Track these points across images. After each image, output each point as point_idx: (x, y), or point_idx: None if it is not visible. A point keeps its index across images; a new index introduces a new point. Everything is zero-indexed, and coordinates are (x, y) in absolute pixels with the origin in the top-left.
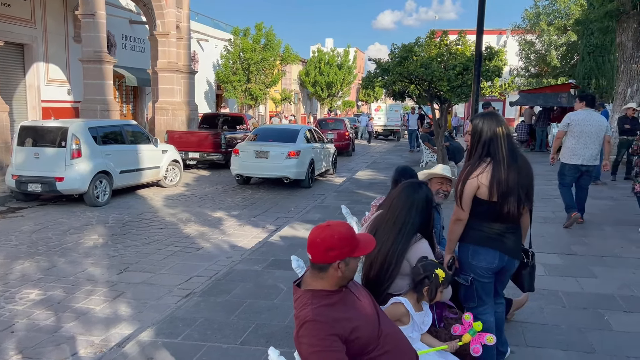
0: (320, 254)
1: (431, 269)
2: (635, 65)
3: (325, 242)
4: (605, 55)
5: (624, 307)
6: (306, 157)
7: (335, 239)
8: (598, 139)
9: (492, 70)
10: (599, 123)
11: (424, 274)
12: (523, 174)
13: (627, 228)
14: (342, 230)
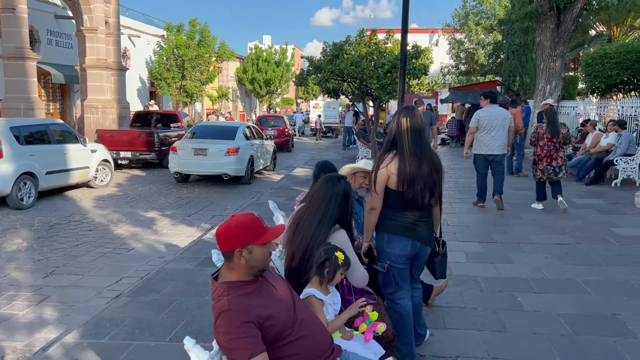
0: (221, 243)
1: (331, 252)
2: (554, 63)
3: (224, 231)
4: (527, 54)
5: (535, 289)
6: (245, 153)
7: (232, 227)
8: (504, 131)
9: (418, 68)
10: (503, 117)
11: (324, 256)
12: (428, 166)
13: (542, 216)
14: (241, 219)
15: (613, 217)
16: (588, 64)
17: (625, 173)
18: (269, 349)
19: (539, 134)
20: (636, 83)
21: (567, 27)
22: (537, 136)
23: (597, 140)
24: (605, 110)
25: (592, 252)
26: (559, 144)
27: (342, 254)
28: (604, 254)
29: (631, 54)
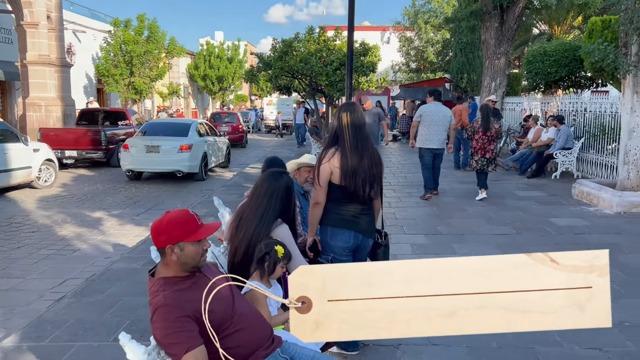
0: (154, 239)
1: (271, 245)
2: (498, 61)
3: (157, 227)
4: (474, 51)
5: None
6: (199, 150)
7: (164, 224)
8: (444, 127)
9: (366, 65)
10: (444, 114)
11: (264, 250)
12: (368, 161)
13: (486, 208)
14: (173, 216)
15: (551, 208)
16: (529, 62)
17: (564, 166)
18: (208, 342)
19: (475, 128)
20: (574, 80)
21: (510, 25)
22: (473, 130)
23: (539, 135)
24: (548, 106)
25: (531, 241)
26: (491, 137)
27: (282, 248)
28: (542, 243)
29: (568, 52)
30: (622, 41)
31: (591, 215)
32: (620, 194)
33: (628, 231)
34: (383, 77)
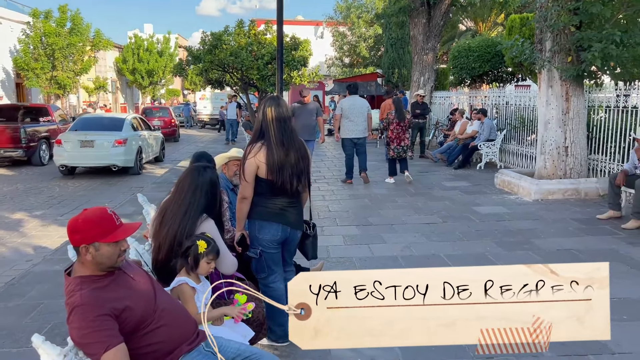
0: (69, 237)
1: (194, 240)
2: (426, 56)
3: (72, 225)
4: (404, 47)
5: (403, 265)
6: (133, 144)
7: (79, 223)
8: (363, 117)
9: (298, 59)
10: (361, 105)
11: (186, 245)
12: (295, 154)
13: (414, 199)
14: (89, 215)
15: (475, 197)
16: (455, 57)
17: (488, 157)
18: (130, 338)
19: (390, 120)
20: (497, 74)
21: (437, 22)
22: (388, 121)
23: (464, 128)
24: (475, 100)
25: (455, 229)
26: (405, 127)
27: (204, 243)
28: (465, 230)
29: (491, 48)
30: (538, 38)
31: (512, 203)
32: (538, 182)
33: (544, 217)
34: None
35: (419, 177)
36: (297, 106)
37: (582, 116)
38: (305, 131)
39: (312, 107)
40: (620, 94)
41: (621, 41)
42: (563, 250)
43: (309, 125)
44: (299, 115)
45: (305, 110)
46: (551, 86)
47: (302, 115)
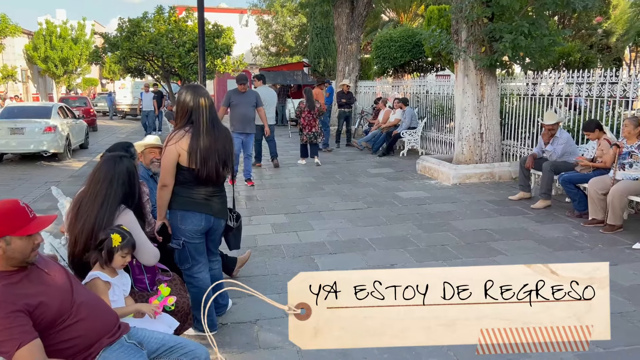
0: None
1: (109, 234)
2: (350, 46)
3: None
4: (330, 36)
5: (331, 250)
6: (62, 131)
7: None
8: (273, 106)
9: (221, 47)
10: (271, 95)
11: (100, 238)
12: (221, 142)
13: (341, 186)
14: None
15: (398, 183)
16: (377, 47)
17: (410, 144)
18: (46, 334)
19: (301, 108)
20: (418, 64)
21: (360, 12)
22: (300, 110)
23: (387, 116)
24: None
25: (379, 213)
26: (315, 115)
27: (119, 236)
28: (388, 215)
29: (411, 38)
30: (454, 28)
31: (432, 187)
32: (456, 168)
33: (462, 200)
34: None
35: (345, 165)
36: (233, 94)
37: (495, 104)
38: (243, 123)
39: (251, 95)
40: (530, 83)
41: (529, 32)
42: (479, 230)
43: (247, 116)
44: (235, 104)
45: (242, 99)
46: (467, 75)
47: (240, 105)
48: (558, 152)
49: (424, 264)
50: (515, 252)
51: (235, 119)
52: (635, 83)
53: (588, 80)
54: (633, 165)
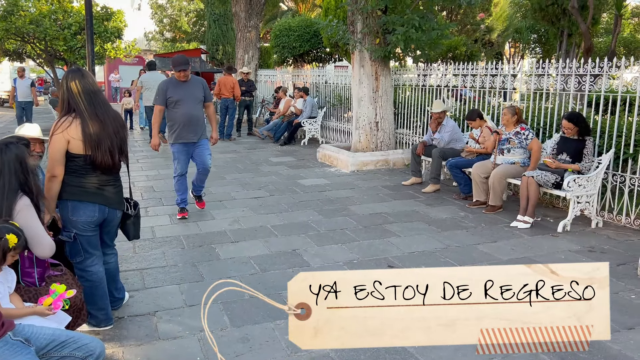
0: None
1: (3, 233)
2: (249, 33)
3: None
4: (228, 23)
5: (232, 239)
6: None
7: None
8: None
9: (111, 31)
10: (158, 79)
11: None
12: (111, 128)
13: (242, 175)
14: None
15: (300, 171)
16: (276, 36)
17: (310, 133)
18: None
19: None
20: (317, 54)
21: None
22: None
23: (288, 106)
24: (298, 78)
25: (281, 201)
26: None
27: (15, 237)
28: (290, 202)
29: (310, 28)
30: (350, 20)
31: (332, 174)
32: (354, 155)
33: (359, 186)
34: (132, 45)
35: (247, 154)
36: (170, 86)
37: (389, 94)
38: (189, 128)
39: (196, 86)
40: (421, 75)
41: (420, 26)
42: (375, 214)
43: (194, 117)
44: (175, 101)
45: (185, 92)
46: (363, 66)
47: (183, 102)
48: (445, 139)
49: (324, 248)
50: (408, 233)
51: (176, 122)
52: (513, 76)
53: (472, 72)
54: (511, 150)
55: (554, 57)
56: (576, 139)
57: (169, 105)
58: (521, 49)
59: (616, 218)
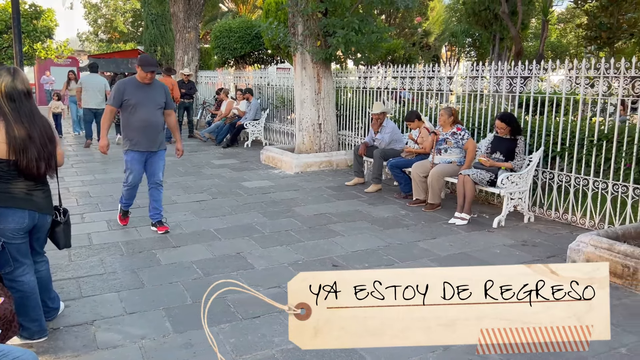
0: None
1: None
2: (188, 34)
3: None
4: (166, 24)
5: (174, 244)
6: None
7: None
8: (100, 92)
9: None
10: (98, 82)
11: None
12: (39, 134)
13: (184, 178)
14: None
15: (243, 173)
16: (217, 37)
17: (254, 135)
18: None
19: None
20: (258, 56)
21: (197, 0)
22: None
23: (230, 107)
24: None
25: (224, 204)
26: None
27: None
28: (234, 205)
29: (251, 30)
30: (291, 21)
31: (276, 176)
32: (298, 157)
33: (303, 187)
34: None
35: (188, 156)
36: (129, 87)
37: (331, 96)
38: (147, 135)
39: (158, 91)
40: (362, 77)
41: (360, 29)
42: (319, 214)
43: (153, 124)
44: (134, 105)
45: (145, 96)
46: (304, 68)
47: (141, 106)
48: (386, 140)
49: (268, 250)
50: (351, 232)
51: (132, 128)
52: (449, 78)
53: (411, 75)
54: (448, 150)
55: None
56: (508, 139)
57: (124, 108)
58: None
59: (546, 213)
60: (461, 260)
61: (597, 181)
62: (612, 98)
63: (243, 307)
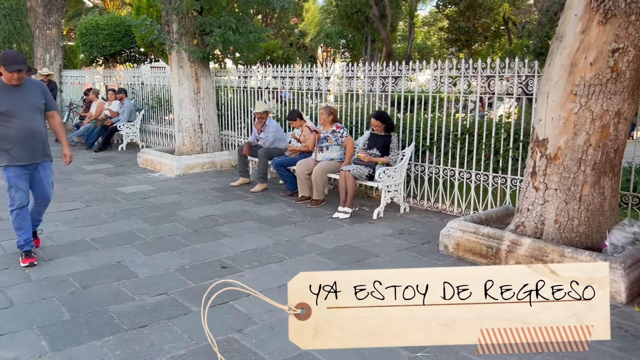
0: None
1: None
2: (49, 31)
3: None
4: (22, 19)
5: (45, 257)
6: None
7: None
8: None
9: None
10: None
11: None
12: None
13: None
14: None
15: (119, 178)
16: (83, 34)
17: (129, 137)
18: None
19: None
20: (130, 54)
21: None
22: None
23: (101, 109)
24: (110, 79)
25: (100, 212)
26: None
27: None
28: (111, 212)
29: (121, 27)
30: (165, 19)
31: (156, 180)
32: (179, 159)
33: (187, 190)
34: None
35: (55, 162)
36: None
37: (211, 96)
38: (28, 145)
39: (34, 91)
40: (241, 76)
41: (237, 28)
42: (205, 217)
43: (34, 131)
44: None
45: (18, 99)
46: (181, 67)
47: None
48: (270, 139)
49: (152, 257)
50: (239, 232)
51: (9, 140)
52: (327, 78)
53: (290, 75)
54: (329, 147)
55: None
56: (383, 135)
57: None
58: (332, 53)
59: (420, 203)
60: (345, 252)
61: (462, 172)
62: (472, 95)
63: (128, 318)
